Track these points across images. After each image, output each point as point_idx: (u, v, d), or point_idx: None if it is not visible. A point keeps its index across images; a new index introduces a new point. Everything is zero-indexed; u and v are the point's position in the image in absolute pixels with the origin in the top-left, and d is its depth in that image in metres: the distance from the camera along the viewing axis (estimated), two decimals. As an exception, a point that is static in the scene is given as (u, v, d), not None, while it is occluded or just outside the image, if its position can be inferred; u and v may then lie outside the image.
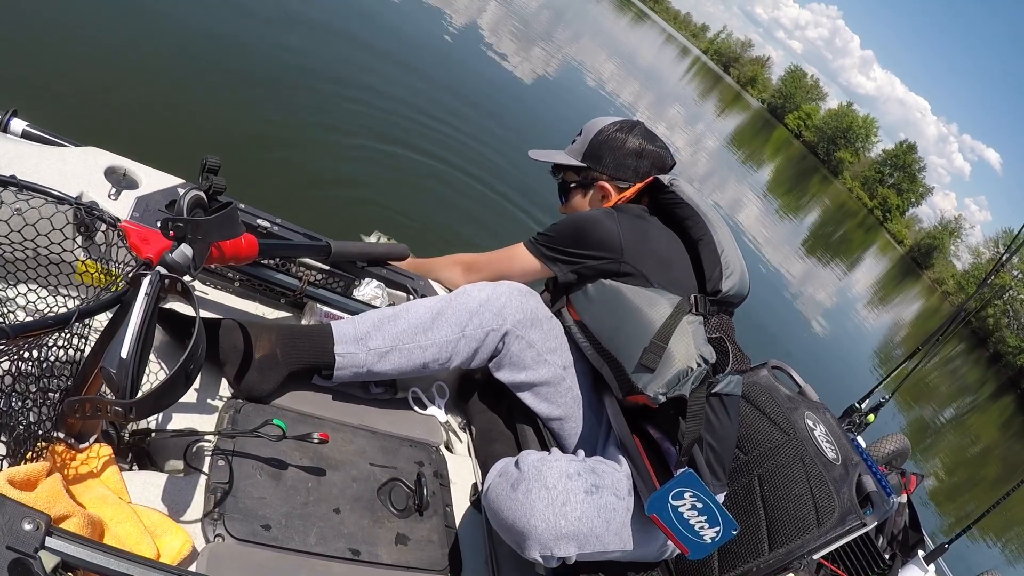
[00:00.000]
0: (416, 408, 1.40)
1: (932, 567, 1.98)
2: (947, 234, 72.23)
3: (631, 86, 18.17)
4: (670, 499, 1.06)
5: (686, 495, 1.05)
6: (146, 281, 0.82)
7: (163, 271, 0.86)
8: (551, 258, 1.40)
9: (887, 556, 1.91)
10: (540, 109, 7.98)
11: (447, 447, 1.41)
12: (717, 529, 1.07)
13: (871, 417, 2.25)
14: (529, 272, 1.44)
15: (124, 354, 0.77)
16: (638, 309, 1.23)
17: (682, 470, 1.08)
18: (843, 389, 6.59)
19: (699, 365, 1.16)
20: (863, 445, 2.20)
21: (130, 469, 0.99)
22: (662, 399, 1.16)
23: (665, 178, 1.44)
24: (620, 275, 1.30)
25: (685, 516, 1.06)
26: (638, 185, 1.50)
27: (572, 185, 1.60)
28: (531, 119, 7.22)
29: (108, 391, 0.85)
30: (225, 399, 1.15)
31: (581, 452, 1.19)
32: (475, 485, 1.37)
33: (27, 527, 0.67)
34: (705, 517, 1.06)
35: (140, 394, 0.80)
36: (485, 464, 1.37)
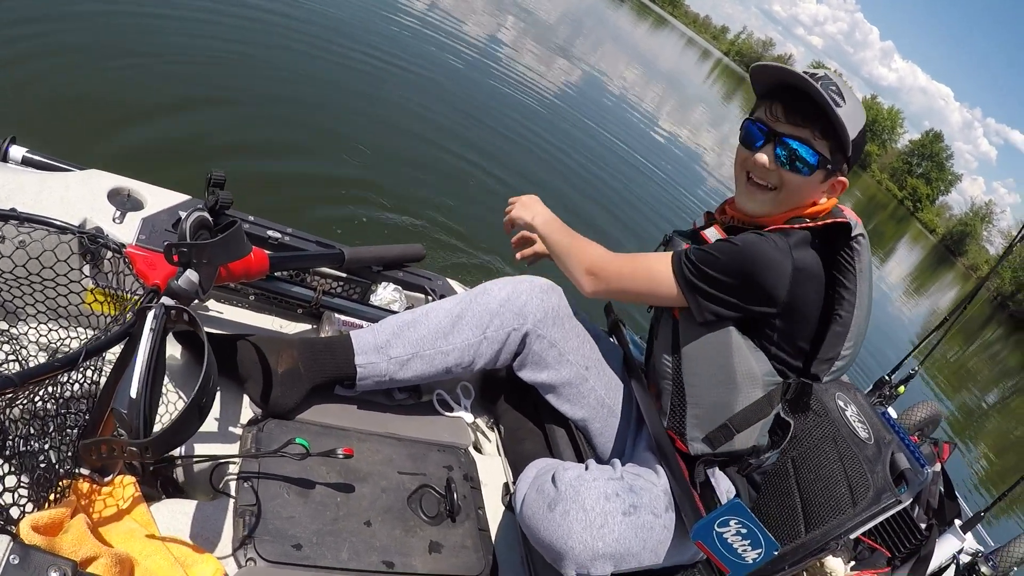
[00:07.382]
0: (442, 411, 1.38)
1: (969, 535, 1.95)
2: (978, 220, 71.94)
3: (654, 90, 17.81)
4: (715, 527, 1.04)
5: (731, 522, 1.04)
6: (151, 315, 0.79)
7: (169, 302, 0.82)
8: (699, 290, 1.11)
9: (923, 526, 1.88)
10: (565, 115, 7.88)
11: (476, 448, 1.39)
12: (759, 551, 1.05)
13: (901, 389, 2.22)
14: (667, 300, 1.16)
15: (133, 394, 0.75)
16: (734, 379, 1.12)
17: (729, 500, 1.06)
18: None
19: (748, 454, 1.17)
20: (894, 416, 2.16)
21: (158, 499, 0.97)
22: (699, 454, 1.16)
23: (857, 227, 1.11)
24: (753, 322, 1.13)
25: (729, 541, 1.05)
26: (832, 200, 1.18)
27: (828, 167, 1.13)
28: (558, 124, 7.14)
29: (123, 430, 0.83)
30: (247, 418, 1.13)
31: (617, 463, 1.16)
32: (506, 485, 1.35)
33: (53, 576, 0.65)
34: (749, 541, 1.04)
35: (155, 431, 0.78)
36: (516, 464, 1.35)
